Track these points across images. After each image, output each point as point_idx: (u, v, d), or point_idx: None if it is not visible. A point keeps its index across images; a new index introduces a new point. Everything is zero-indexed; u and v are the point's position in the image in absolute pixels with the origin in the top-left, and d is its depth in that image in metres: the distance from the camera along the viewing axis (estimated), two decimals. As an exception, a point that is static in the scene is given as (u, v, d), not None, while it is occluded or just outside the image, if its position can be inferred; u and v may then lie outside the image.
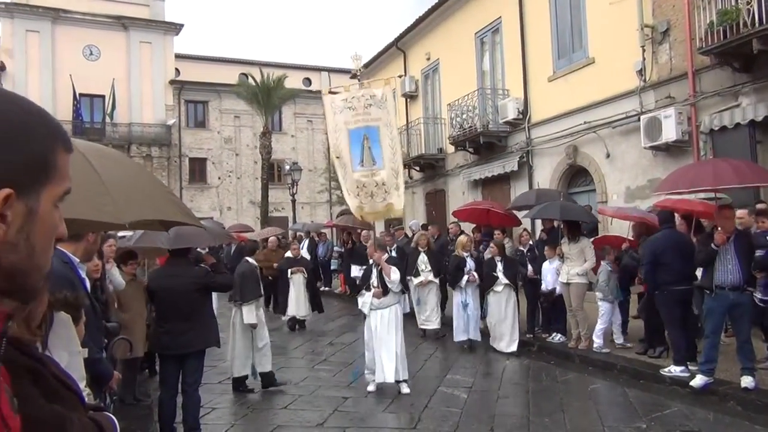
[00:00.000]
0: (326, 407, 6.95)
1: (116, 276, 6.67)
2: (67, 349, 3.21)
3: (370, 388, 7.64)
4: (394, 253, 11.31)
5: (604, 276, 8.95)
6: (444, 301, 11.81)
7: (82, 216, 2.17)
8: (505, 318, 9.57)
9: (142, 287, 6.76)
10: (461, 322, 10.00)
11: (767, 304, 7.45)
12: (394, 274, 7.74)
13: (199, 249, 8.50)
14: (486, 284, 9.84)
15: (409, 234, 15.43)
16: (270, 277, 13.43)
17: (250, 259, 8.62)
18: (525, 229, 12.13)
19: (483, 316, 10.47)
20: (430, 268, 11.03)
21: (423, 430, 6.20)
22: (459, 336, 10.03)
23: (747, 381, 6.69)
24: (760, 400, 6.45)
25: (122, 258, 7.29)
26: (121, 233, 7.25)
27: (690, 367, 7.40)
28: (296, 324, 12.65)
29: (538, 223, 12.35)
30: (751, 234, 7.47)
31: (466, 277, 9.92)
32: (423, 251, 11.21)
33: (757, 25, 9.15)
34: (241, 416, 6.78)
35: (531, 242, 11.10)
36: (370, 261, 8.12)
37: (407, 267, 10.97)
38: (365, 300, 7.87)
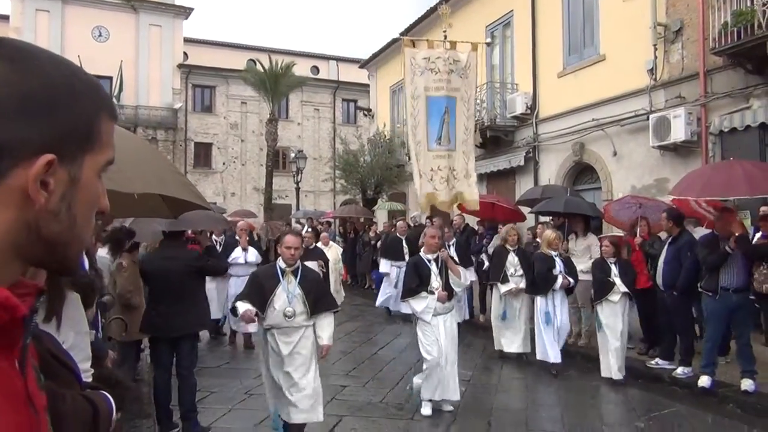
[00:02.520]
0: (324, 395, 6.91)
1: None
2: (74, 329, 3.20)
3: (426, 411, 6.34)
4: (452, 250, 9.57)
5: None
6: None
7: None
8: (621, 335, 7.70)
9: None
10: (545, 338, 8.10)
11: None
12: (464, 277, 6.65)
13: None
14: (598, 293, 7.93)
15: (411, 225, 15.37)
16: None
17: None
18: (544, 223, 11.51)
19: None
20: (522, 272, 8.84)
21: (419, 421, 6.19)
22: (551, 357, 8.01)
23: (747, 384, 6.68)
24: (760, 404, 6.44)
25: (118, 245, 7.20)
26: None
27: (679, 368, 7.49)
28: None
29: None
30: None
31: (560, 280, 8.10)
32: (512, 250, 9.04)
33: (771, 26, 9.06)
34: (239, 401, 6.78)
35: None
36: (422, 254, 6.63)
37: (492, 269, 9.46)
38: (428, 305, 6.33)
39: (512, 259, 8.92)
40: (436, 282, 6.37)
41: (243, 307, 5.12)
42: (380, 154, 21.53)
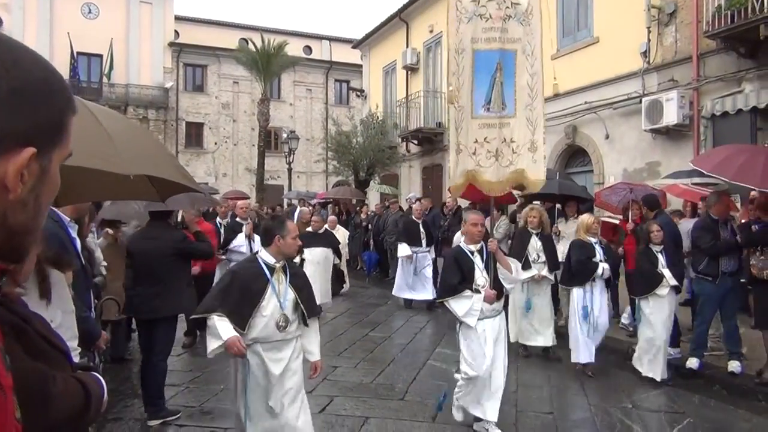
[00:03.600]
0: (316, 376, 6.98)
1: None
2: (61, 308, 3.21)
3: (459, 417, 5.48)
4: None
5: None
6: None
7: (90, 165, 2.16)
8: (664, 331, 6.96)
9: (123, 249, 6.65)
10: (579, 336, 7.31)
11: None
12: (516, 270, 5.48)
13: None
14: (643, 286, 7.15)
15: (404, 207, 15.39)
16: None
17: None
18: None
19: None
20: (544, 258, 8.03)
21: (410, 402, 6.24)
22: (582, 356, 7.26)
23: (734, 366, 6.76)
24: (746, 385, 6.54)
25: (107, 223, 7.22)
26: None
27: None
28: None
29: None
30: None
31: (602, 268, 7.29)
32: (535, 233, 8.16)
33: (765, 10, 9.05)
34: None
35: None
36: (463, 245, 5.51)
37: (512, 254, 7.95)
38: (473, 306, 5.16)
39: (535, 243, 8.06)
40: (481, 278, 5.25)
41: (224, 329, 3.97)
42: (373, 135, 21.46)
